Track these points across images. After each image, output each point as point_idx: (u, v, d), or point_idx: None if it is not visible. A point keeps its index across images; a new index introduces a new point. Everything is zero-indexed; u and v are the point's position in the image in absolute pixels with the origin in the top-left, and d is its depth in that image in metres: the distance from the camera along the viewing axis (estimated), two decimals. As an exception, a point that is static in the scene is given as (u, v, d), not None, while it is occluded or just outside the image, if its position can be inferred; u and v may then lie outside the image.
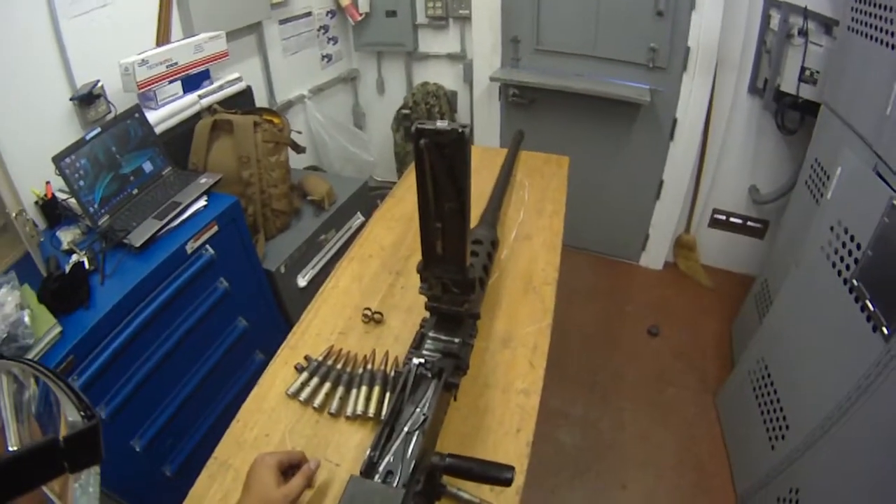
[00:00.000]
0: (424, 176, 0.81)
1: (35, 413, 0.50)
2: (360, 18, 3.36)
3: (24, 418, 0.49)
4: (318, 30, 3.32)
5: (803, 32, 2.45)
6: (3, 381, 0.50)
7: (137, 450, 1.78)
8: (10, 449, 0.45)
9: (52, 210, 1.95)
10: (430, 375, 0.94)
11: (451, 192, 0.82)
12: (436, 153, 0.78)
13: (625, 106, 3.02)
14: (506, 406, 1.13)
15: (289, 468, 0.94)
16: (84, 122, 2.04)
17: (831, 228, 1.80)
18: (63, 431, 0.44)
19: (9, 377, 0.50)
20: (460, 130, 0.76)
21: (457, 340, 1.02)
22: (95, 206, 1.86)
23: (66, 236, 1.87)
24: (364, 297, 1.43)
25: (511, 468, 0.86)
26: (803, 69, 2.48)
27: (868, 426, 1.53)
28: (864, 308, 1.56)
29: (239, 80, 2.50)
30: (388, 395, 1.12)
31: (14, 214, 1.65)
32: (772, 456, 2.00)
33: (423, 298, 1.03)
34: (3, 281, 1.50)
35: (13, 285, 1.51)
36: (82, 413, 0.44)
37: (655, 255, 3.61)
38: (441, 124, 0.77)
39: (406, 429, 0.85)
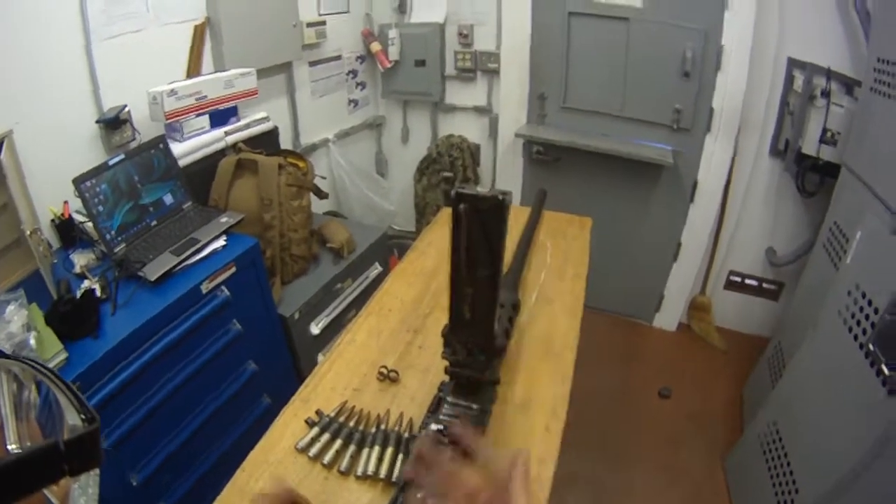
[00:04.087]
0: (459, 241, 0.79)
1: (35, 413, 0.50)
2: (389, 66, 3.38)
3: (23, 417, 0.49)
4: (347, 74, 3.36)
5: (826, 93, 2.45)
6: (2, 378, 0.49)
7: (134, 484, 1.74)
8: (10, 447, 0.45)
9: (67, 231, 1.94)
10: (447, 442, 0.90)
11: (486, 258, 0.81)
12: (473, 218, 0.77)
13: (648, 167, 3.02)
14: (521, 474, 1.09)
15: None
16: (108, 147, 2.04)
17: (849, 293, 1.79)
18: (64, 434, 0.44)
19: (8, 375, 0.50)
20: (500, 198, 0.75)
21: (475, 406, 0.99)
22: (112, 233, 1.85)
23: (80, 260, 1.85)
24: (381, 353, 1.40)
25: None
26: (825, 130, 2.48)
27: (882, 493, 1.51)
28: (879, 372, 1.54)
29: (266, 119, 2.50)
30: (400, 456, 1.09)
31: (29, 232, 1.64)
32: (780, 523, 1.95)
33: (442, 359, 1.01)
34: (11, 298, 1.49)
35: (21, 303, 1.49)
36: (82, 416, 0.44)
37: (670, 317, 3.57)
38: (481, 190, 0.76)
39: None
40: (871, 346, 1.59)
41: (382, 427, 1.15)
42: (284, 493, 0.89)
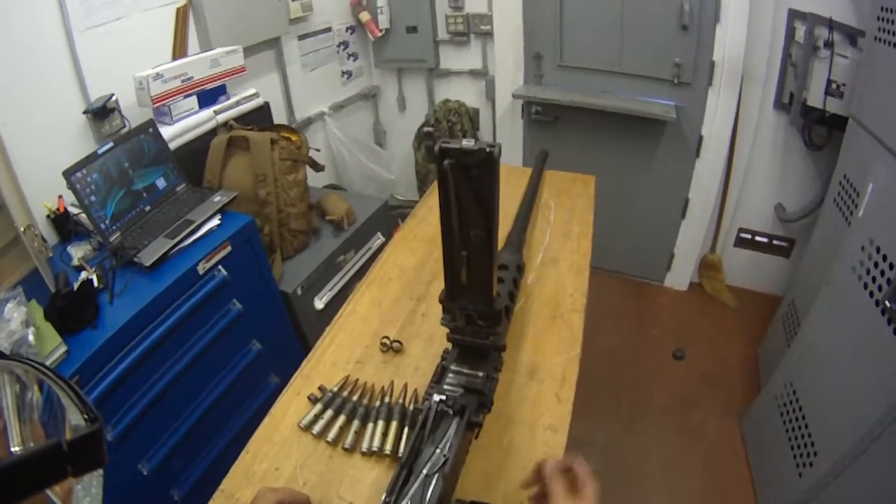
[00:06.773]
0: (448, 200, 0.74)
1: (38, 414, 0.50)
2: (380, 34, 3.32)
3: (26, 418, 0.48)
4: (338, 46, 3.30)
5: (829, 44, 2.39)
6: (5, 380, 0.48)
7: (145, 473, 1.74)
8: (13, 449, 0.45)
9: (63, 225, 1.92)
10: (451, 413, 0.87)
11: (478, 217, 0.76)
12: (461, 175, 0.72)
13: (650, 123, 2.96)
14: (531, 443, 1.06)
15: None
16: (98, 137, 2.01)
17: (862, 248, 1.74)
18: (67, 435, 0.44)
19: (11, 377, 0.49)
20: (488, 150, 0.70)
21: (481, 374, 0.95)
22: (107, 222, 1.83)
23: (77, 252, 1.84)
24: (383, 323, 1.37)
25: None
26: (829, 82, 2.41)
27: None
28: (896, 331, 1.50)
29: (256, 96, 2.47)
30: (406, 430, 1.06)
31: (23, 229, 1.63)
32: (799, 483, 1.92)
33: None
34: (10, 296, 1.47)
35: (20, 301, 1.48)
36: (85, 416, 0.44)
37: (680, 276, 3.53)
38: (467, 143, 0.70)
39: (425, 471, 0.78)
40: (887, 303, 1.54)
41: (387, 400, 1.12)
42: (288, 495, 0.89)
